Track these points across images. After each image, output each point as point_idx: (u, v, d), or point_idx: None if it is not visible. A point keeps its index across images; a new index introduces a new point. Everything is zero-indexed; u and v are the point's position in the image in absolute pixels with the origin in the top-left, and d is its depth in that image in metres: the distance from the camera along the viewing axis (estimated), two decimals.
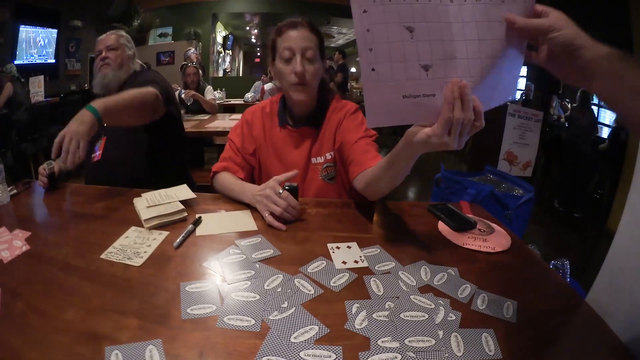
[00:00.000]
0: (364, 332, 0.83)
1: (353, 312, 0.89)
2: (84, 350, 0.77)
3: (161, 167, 2.05)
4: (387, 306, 0.91)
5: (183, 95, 4.99)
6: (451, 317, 0.89)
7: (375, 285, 1.00)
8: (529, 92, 8.34)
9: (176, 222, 1.36)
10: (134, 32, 9.38)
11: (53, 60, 8.52)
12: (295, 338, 0.80)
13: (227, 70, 15.25)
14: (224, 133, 4.12)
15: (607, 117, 8.41)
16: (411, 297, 0.96)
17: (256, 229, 1.31)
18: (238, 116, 5.19)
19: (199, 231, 1.29)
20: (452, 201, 1.71)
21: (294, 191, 1.41)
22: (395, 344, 0.80)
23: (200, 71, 5.57)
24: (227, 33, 14.86)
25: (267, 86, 6.23)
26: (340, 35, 18.57)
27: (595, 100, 8.91)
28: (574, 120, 6.53)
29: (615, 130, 7.02)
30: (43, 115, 6.07)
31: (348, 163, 1.57)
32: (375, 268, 1.10)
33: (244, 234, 1.27)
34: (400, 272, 1.07)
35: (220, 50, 13.96)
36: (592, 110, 6.70)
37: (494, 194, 2.65)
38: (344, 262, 1.11)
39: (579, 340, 0.95)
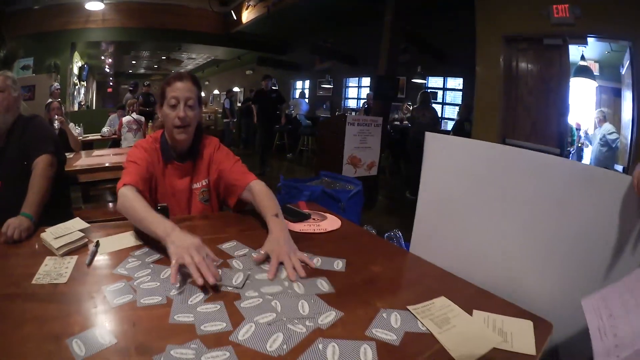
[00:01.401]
0: (235, 290, 1.26)
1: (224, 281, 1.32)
2: (51, 348, 0.98)
3: (51, 207, 2.12)
4: (245, 274, 1.37)
5: (56, 125, 4.83)
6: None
7: (236, 264, 1.46)
8: (370, 100, 9.13)
9: (80, 247, 1.62)
10: (0, 63, 8.84)
11: None
12: (191, 301, 1.19)
13: (82, 103, 14.77)
14: (88, 170, 4.30)
15: (453, 112, 9.42)
16: (261, 266, 1.44)
17: (142, 242, 1.66)
18: (101, 152, 5.39)
19: (101, 250, 1.59)
20: (293, 202, 2.19)
21: (164, 210, 1.79)
22: (255, 293, 1.24)
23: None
24: (83, 63, 14.40)
25: (125, 119, 6.37)
26: (190, 60, 18.72)
27: (439, 100, 9.93)
28: (415, 120, 7.31)
29: (458, 122, 7.95)
30: None
31: (232, 183, 2.03)
32: (235, 254, 1.55)
33: (134, 247, 1.61)
34: (253, 254, 1.54)
35: (76, 82, 13.52)
36: (432, 108, 7.49)
37: (325, 192, 3.27)
38: None
39: (406, 276, 1.49)
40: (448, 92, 10.46)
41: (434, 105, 8.27)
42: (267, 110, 9.49)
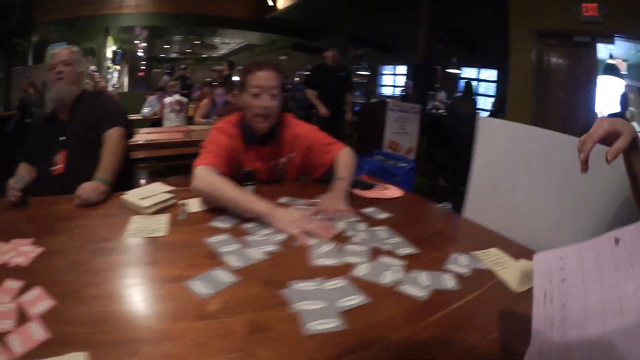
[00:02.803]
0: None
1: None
2: (171, 289, 1.09)
3: (118, 177, 2.13)
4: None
5: None
6: (378, 228, 1.53)
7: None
8: (408, 88, 9.20)
9: (168, 207, 1.73)
10: (32, 47, 9.01)
11: None
12: (315, 249, 1.35)
13: (116, 86, 15.03)
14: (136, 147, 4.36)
15: (485, 103, 9.43)
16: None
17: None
18: (147, 130, 5.53)
19: (190, 209, 1.71)
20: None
21: (251, 175, 1.88)
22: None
23: None
24: (116, 47, 14.65)
25: (168, 100, 6.53)
26: (224, 45, 18.86)
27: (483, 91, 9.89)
28: (456, 110, 7.33)
29: (492, 114, 7.95)
30: None
31: (321, 156, 2.10)
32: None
33: (219, 208, 1.67)
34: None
35: (110, 65, 13.79)
36: (474, 100, 7.51)
37: (383, 167, 3.45)
38: None
39: (464, 232, 1.67)
40: (481, 83, 10.47)
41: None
42: (332, 96, 5.95)
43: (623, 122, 1.02)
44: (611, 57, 5.92)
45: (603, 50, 5.85)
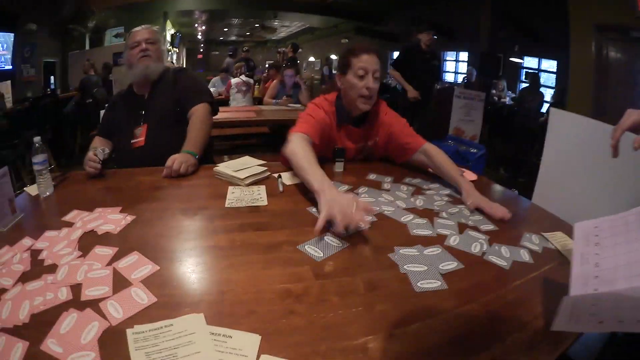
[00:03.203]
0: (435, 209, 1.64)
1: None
2: (283, 252, 1.20)
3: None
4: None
5: None
6: (461, 206, 1.66)
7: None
8: (471, 75, 9.13)
9: (263, 179, 1.85)
10: (89, 32, 9.31)
11: (10, 67, 7.72)
12: (403, 219, 1.51)
13: None
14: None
15: (546, 95, 9.27)
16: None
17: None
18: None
19: (285, 182, 1.82)
20: None
21: (341, 152, 2.02)
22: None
23: None
24: (175, 31, 14.95)
25: (234, 81, 6.69)
26: (283, 28, 18.86)
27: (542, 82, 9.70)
28: (524, 103, 7.25)
29: (554, 105, 7.81)
30: (18, 121, 5.99)
31: (403, 146, 2.13)
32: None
33: None
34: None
35: (169, 48, 14.11)
36: (541, 93, 7.38)
37: (458, 151, 3.53)
38: None
39: (534, 216, 1.74)
40: (541, 74, 10.27)
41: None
42: (420, 83, 5.34)
43: None
44: None
45: None
